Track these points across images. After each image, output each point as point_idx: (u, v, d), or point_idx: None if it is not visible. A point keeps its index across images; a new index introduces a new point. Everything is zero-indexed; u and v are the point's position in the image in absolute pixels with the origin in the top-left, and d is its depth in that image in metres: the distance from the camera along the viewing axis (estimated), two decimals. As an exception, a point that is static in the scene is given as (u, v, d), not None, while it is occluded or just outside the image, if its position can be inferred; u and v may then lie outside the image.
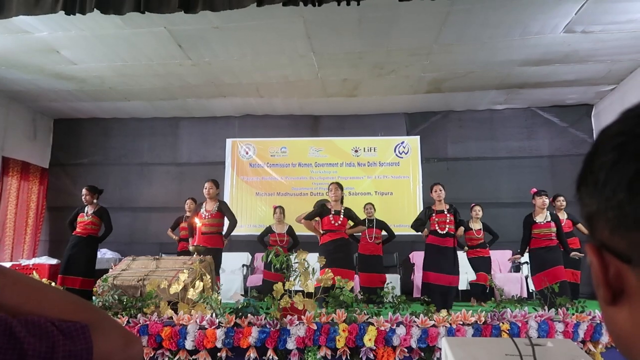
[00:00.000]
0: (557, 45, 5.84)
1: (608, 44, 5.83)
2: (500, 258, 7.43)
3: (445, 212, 5.54)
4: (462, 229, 5.81)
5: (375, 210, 6.55)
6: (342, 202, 5.45)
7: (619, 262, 0.43)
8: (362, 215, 6.48)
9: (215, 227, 5.50)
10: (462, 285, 6.60)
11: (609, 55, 6.17)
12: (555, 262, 5.33)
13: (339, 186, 5.43)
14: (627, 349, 0.45)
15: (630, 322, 0.43)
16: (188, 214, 6.69)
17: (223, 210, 5.61)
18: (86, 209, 5.87)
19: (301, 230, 6.58)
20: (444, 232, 5.47)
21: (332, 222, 5.28)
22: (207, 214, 5.48)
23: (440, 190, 5.59)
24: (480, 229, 6.47)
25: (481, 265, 6.31)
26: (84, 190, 5.88)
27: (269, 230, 6.59)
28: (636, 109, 0.45)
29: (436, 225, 5.53)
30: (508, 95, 7.75)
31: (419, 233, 5.76)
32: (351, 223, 5.51)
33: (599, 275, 0.45)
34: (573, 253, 5.48)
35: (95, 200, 5.88)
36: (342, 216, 5.33)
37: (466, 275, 6.66)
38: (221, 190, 8.38)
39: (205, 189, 5.57)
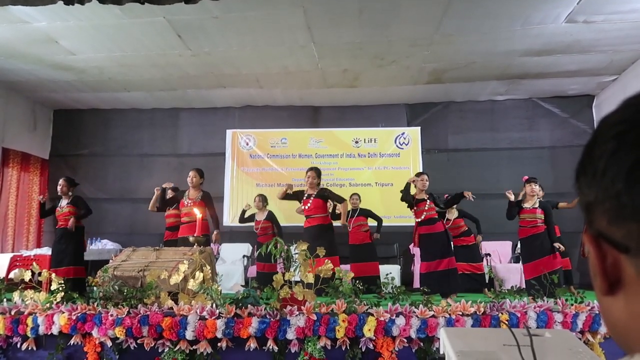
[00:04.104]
0: (559, 35, 5.81)
1: (610, 34, 5.79)
2: (500, 249, 7.44)
3: (426, 199, 5.52)
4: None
5: (360, 201, 6.55)
6: (317, 186, 5.50)
7: (616, 251, 0.43)
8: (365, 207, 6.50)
9: (195, 215, 5.42)
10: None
11: (611, 45, 6.13)
12: (543, 252, 5.35)
13: (316, 172, 5.49)
14: (623, 339, 0.45)
15: (626, 312, 0.43)
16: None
17: (205, 200, 5.49)
18: (60, 202, 5.85)
19: (292, 220, 6.56)
20: (429, 218, 5.47)
21: (302, 206, 5.41)
22: (189, 202, 5.43)
23: (426, 181, 5.57)
24: (456, 218, 6.39)
25: (467, 254, 6.25)
26: (61, 181, 5.82)
27: (252, 219, 6.59)
28: (637, 97, 0.44)
29: (422, 213, 5.50)
30: (509, 86, 7.71)
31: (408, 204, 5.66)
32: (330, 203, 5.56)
33: (596, 264, 0.45)
34: (556, 244, 5.48)
35: (70, 193, 5.84)
36: (312, 199, 5.34)
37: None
38: (221, 181, 8.39)
39: (189, 177, 5.52)
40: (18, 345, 3.51)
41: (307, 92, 8.01)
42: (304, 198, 5.39)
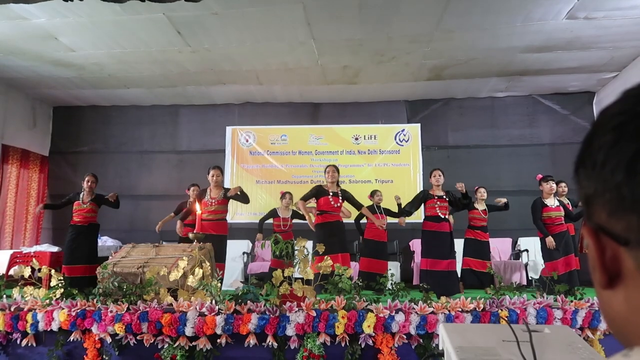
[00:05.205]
0: (560, 31, 5.79)
1: (611, 31, 5.78)
2: (500, 246, 7.44)
3: (445, 197, 5.57)
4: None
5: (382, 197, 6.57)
6: (337, 185, 5.55)
7: (615, 244, 0.43)
8: (367, 202, 6.50)
9: (220, 214, 5.52)
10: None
11: (612, 41, 6.11)
12: (568, 250, 5.36)
13: (336, 169, 5.54)
14: (622, 332, 0.44)
15: (625, 305, 0.43)
16: (192, 200, 6.68)
17: (228, 197, 5.59)
18: (82, 196, 5.90)
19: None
20: (445, 216, 5.52)
21: (332, 203, 5.35)
22: (213, 201, 5.46)
23: (440, 176, 5.63)
24: (485, 210, 6.38)
25: (478, 249, 6.25)
26: (90, 178, 5.96)
27: (273, 214, 6.53)
28: (637, 88, 0.44)
29: (437, 210, 5.53)
30: (509, 82, 7.70)
31: (403, 218, 5.73)
32: (346, 205, 5.62)
33: (596, 258, 0.45)
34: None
35: (94, 190, 6.02)
36: (340, 198, 5.40)
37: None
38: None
39: (212, 176, 5.53)
40: (18, 342, 3.51)
41: (306, 89, 8.00)
42: (331, 195, 5.39)
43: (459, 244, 6.11)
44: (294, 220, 6.51)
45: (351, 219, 6.33)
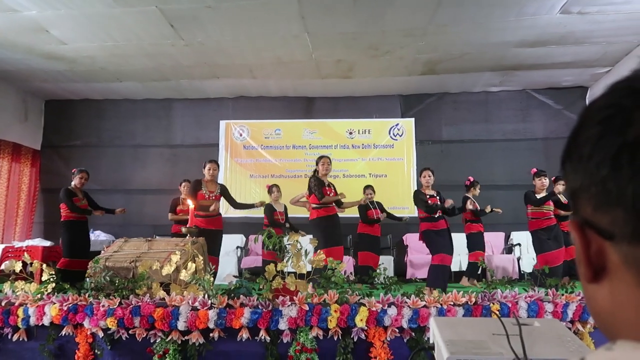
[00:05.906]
0: (553, 26, 5.80)
1: (604, 26, 5.79)
2: (493, 240, 7.48)
3: (436, 196, 5.57)
4: (450, 201, 5.81)
5: (374, 193, 6.57)
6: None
7: (601, 238, 0.42)
8: (360, 197, 6.50)
9: (218, 209, 5.53)
10: (455, 266, 6.61)
11: (605, 36, 6.13)
12: (558, 243, 5.40)
13: (330, 160, 5.52)
14: (607, 326, 0.44)
15: (610, 299, 0.43)
16: (184, 196, 6.66)
17: (224, 194, 5.65)
18: (77, 193, 5.93)
19: (293, 212, 6.61)
20: (439, 214, 5.51)
21: (330, 194, 5.35)
22: (211, 195, 5.46)
23: (430, 176, 5.61)
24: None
25: (477, 241, 6.32)
26: (84, 174, 5.99)
27: (272, 209, 6.50)
28: (625, 80, 0.43)
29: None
30: (503, 77, 7.71)
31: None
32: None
33: (581, 252, 0.45)
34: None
35: None
36: (333, 189, 5.40)
37: (459, 257, 6.67)
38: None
39: (209, 169, 5.51)
40: (9, 337, 3.49)
41: (300, 83, 7.97)
42: (327, 186, 5.37)
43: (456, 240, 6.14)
44: (293, 215, 6.51)
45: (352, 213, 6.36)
